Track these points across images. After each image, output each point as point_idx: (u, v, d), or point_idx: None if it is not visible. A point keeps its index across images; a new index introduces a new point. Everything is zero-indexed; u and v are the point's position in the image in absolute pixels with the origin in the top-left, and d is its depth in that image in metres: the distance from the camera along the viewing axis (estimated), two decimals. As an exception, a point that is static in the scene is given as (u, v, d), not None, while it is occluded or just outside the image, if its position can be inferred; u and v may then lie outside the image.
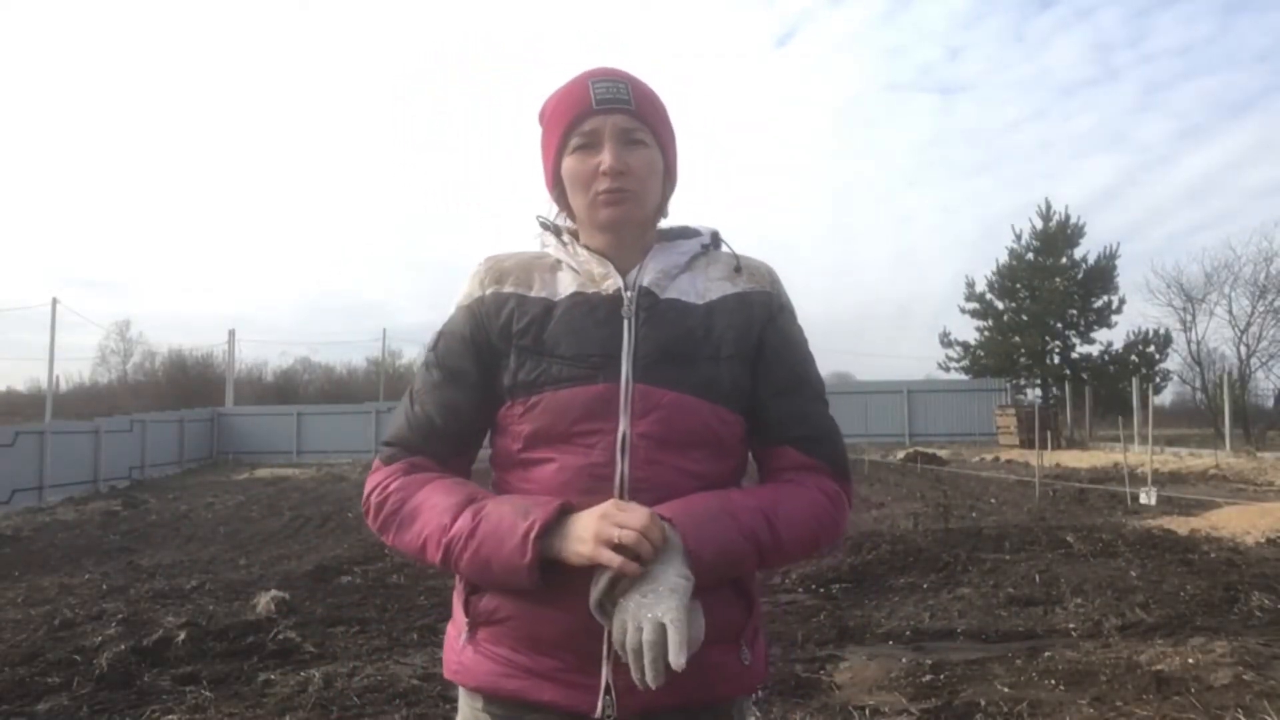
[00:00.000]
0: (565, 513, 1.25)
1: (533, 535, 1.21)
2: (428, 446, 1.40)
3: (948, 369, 36.21)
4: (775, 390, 1.40)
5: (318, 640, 5.84)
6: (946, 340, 36.26)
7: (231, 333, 36.75)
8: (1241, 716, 3.83)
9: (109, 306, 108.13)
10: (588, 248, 1.41)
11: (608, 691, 1.27)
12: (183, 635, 5.71)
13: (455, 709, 5.22)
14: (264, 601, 6.70)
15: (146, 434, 24.29)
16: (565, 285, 1.40)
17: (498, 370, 1.38)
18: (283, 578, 8.42)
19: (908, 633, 5.70)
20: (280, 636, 5.81)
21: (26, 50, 80.00)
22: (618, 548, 1.18)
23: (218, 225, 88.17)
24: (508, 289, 1.41)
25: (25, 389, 48.80)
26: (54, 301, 35.55)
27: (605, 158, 1.34)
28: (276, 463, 27.14)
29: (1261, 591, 6.21)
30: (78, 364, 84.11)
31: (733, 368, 1.36)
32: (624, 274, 1.39)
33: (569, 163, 1.38)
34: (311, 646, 5.67)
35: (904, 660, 5.02)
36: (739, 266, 1.44)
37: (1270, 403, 32.40)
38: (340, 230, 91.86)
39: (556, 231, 1.45)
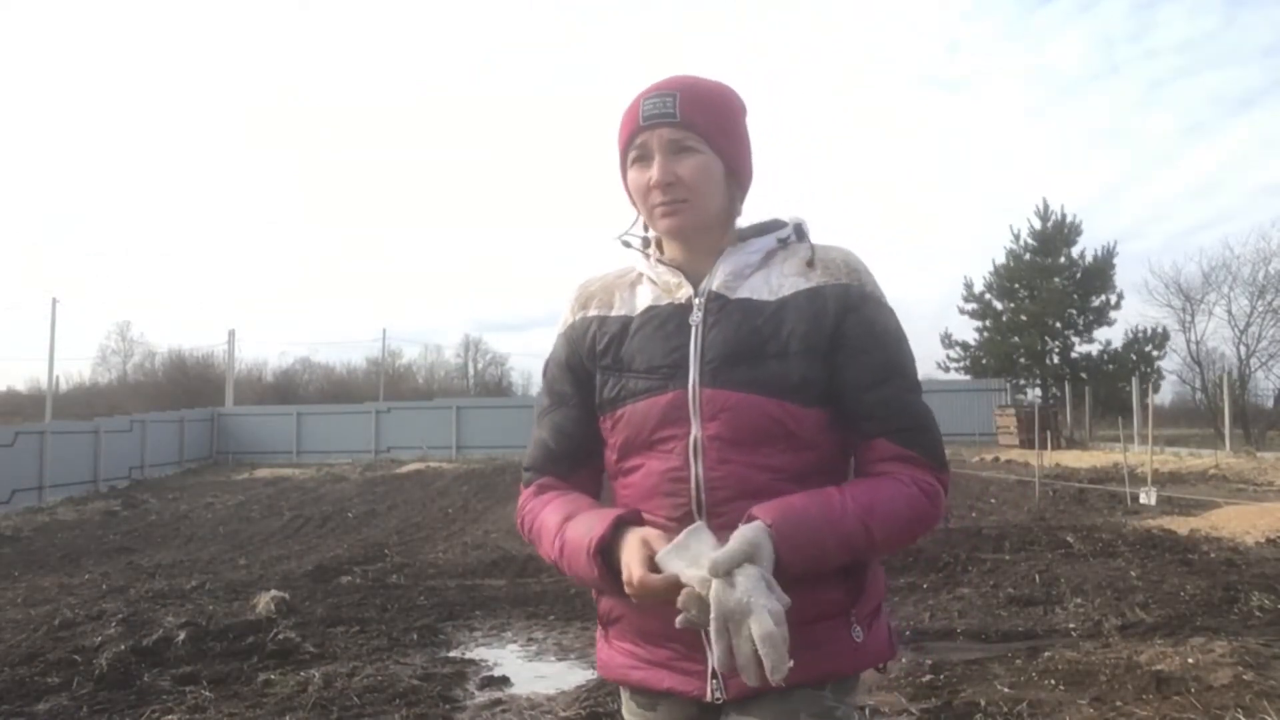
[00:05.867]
0: (623, 524, 1.34)
1: (592, 551, 1.32)
2: (550, 467, 1.53)
3: (947, 369, 36.25)
4: (865, 383, 1.38)
5: (318, 640, 5.84)
6: (947, 341, 36.30)
7: (231, 333, 36.71)
8: (1241, 716, 3.83)
9: (109, 306, 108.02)
10: (661, 261, 1.48)
11: (714, 676, 1.36)
12: (183, 635, 5.71)
13: (455, 708, 5.25)
14: (264, 601, 6.70)
15: (146, 434, 24.26)
16: (643, 299, 1.49)
17: (593, 390, 1.50)
18: (283, 578, 8.43)
19: (908, 633, 5.70)
20: (280, 636, 5.81)
21: (27, 48, 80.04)
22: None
23: (218, 225, 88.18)
24: (591, 313, 1.53)
25: (25, 389, 48.75)
26: (54, 301, 35.64)
27: (654, 171, 1.40)
28: (276, 463, 27.11)
29: (1261, 591, 6.22)
30: (78, 364, 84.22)
31: (803, 363, 1.37)
32: (699, 280, 1.45)
33: (630, 176, 1.45)
34: (311, 646, 5.67)
35: (904, 660, 5.02)
36: (812, 260, 1.44)
37: (1270, 403, 32.39)
38: (340, 230, 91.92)
39: (644, 244, 1.53)
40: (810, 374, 1.37)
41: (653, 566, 1.25)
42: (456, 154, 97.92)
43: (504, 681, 5.05)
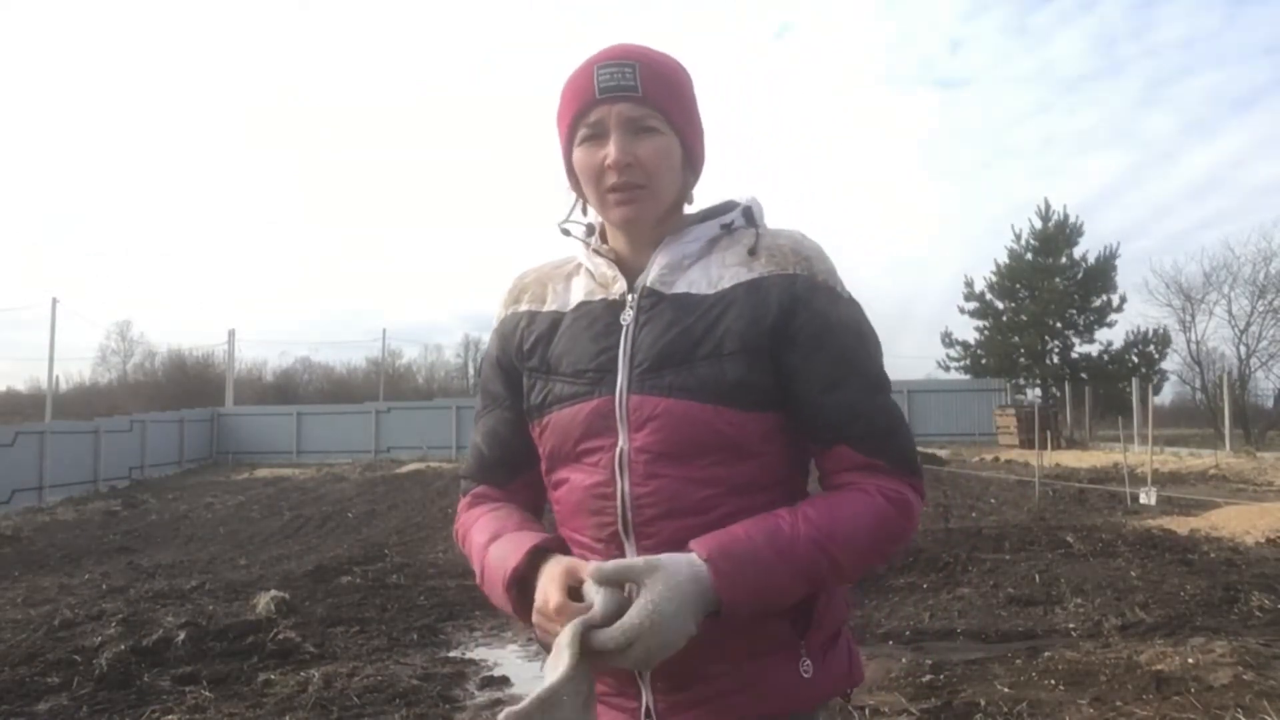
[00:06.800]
0: (540, 553, 1.23)
1: (506, 584, 1.23)
2: (485, 475, 1.43)
3: (947, 369, 36.22)
4: (820, 384, 1.24)
5: (318, 640, 5.84)
6: (947, 340, 36.29)
7: (231, 333, 36.73)
8: (1241, 716, 3.83)
9: (109, 306, 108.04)
10: (598, 251, 1.36)
11: (648, 715, 1.26)
12: (183, 635, 5.71)
13: (455, 708, 5.22)
14: (264, 601, 6.70)
15: (146, 434, 24.26)
16: (576, 293, 1.36)
17: (523, 392, 1.37)
18: (283, 578, 8.43)
19: (908, 633, 5.70)
20: (280, 636, 5.81)
21: (27, 48, 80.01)
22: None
23: (218, 225, 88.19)
24: (523, 307, 1.40)
25: (25, 389, 48.76)
26: (54, 301, 35.57)
27: (610, 150, 1.25)
28: (276, 463, 27.10)
29: (1261, 591, 6.22)
30: (78, 364, 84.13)
31: (739, 364, 1.23)
32: (639, 272, 1.32)
33: (577, 154, 1.30)
34: (311, 646, 5.67)
35: (904, 660, 5.02)
36: (755, 248, 1.29)
37: (1270, 403, 32.41)
38: (340, 230, 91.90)
39: (587, 231, 1.40)
40: (749, 376, 1.23)
41: (576, 595, 1.14)
42: (456, 154, 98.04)
43: (504, 681, 5.05)
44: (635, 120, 1.25)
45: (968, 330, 36.42)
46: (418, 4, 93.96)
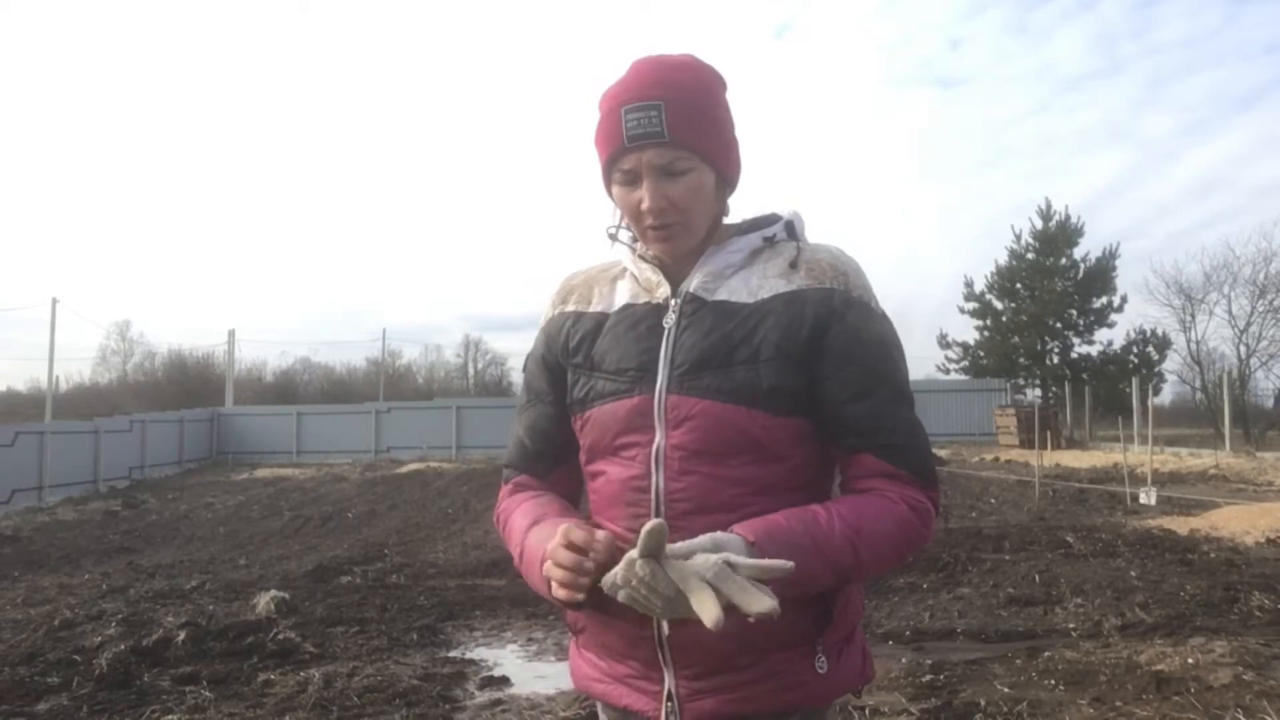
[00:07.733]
0: None
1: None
2: (526, 466, 1.50)
3: (947, 371, 36.23)
4: (849, 394, 1.31)
5: (318, 640, 5.84)
6: (945, 341, 36.30)
7: (231, 333, 36.67)
8: (1241, 716, 3.84)
9: (109, 306, 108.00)
10: (644, 257, 1.42)
11: (670, 698, 1.32)
12: (183, 635, 5.71)
13: (455, 708, 5.24)
14: (264, 601, 6.70)
15: (146, 434, 24.24)
16: (621, 296, 1.43)
17: (565, 388, 1.44)
18: (283, 578, 8.43)
19: (908, 633, 5.70)
20: (280, 636, 5.81)
21: (27, 47, 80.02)
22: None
23: (218, 225, 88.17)
24: (570, 308, 1.47)
25: (25, 389, 48.68)
26: (54, 301, 35.50)
27: (644, 197, 1.31)
28: (276, 463, 27.08)
29: (1261, 591, 6.22)
30: (78, 364, 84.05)
31: (774, 370, 1.29)
32: (682, 279, 1.39)
33: (616, 191, 1.36)
34: (311, 646, 5.67)
35: (904, 660, 5.02)
36: (796, 261, 1.36)
37: (1270, 403, 32.40)
38: (340, 230, 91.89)
39: (633, 237, 1.45)
40: (782, 382, 1.29)
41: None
42: (456, 154, 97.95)
43: (504, 681, 5.05)
44: (664, 166, 1.31)
45: (965, 331, 36.49)
46: (418, 4, 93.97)
